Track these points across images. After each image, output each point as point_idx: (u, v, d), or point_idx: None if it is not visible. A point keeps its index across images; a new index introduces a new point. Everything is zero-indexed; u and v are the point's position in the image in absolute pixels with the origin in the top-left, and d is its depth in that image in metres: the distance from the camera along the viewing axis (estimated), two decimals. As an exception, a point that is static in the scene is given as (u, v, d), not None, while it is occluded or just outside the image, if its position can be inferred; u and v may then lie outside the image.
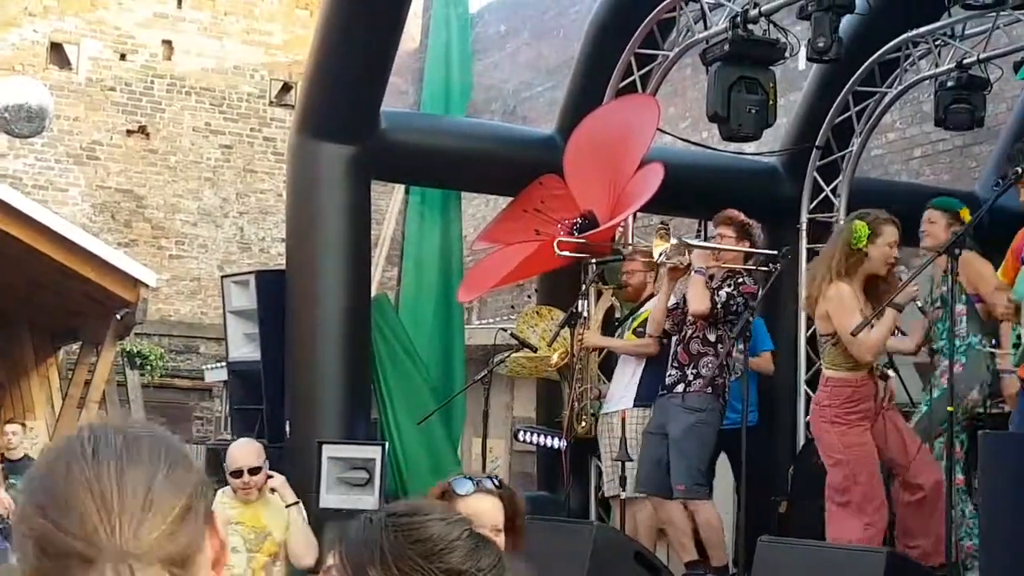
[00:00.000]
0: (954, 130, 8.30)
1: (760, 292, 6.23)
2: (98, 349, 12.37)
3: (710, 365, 6.25)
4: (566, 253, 7.18)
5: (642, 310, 7.05)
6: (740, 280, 6.38)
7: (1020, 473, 4.53)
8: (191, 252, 16.25)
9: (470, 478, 2.97)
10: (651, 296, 7.01)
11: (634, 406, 6.66)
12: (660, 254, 6.42)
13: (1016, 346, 5.12)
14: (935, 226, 5.90)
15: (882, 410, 5.38)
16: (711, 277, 6.42)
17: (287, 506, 5.56)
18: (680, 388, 6.31)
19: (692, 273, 6.38)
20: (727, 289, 6.34)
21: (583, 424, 6.94)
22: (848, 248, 5.33)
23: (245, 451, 5.68)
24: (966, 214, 5.97)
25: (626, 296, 7.41)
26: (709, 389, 6.26)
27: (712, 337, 6.34)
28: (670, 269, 6.51)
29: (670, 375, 6.41)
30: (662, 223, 6.81)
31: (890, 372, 5.69)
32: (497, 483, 3.02)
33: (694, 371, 6.29)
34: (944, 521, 4.82)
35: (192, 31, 16.24)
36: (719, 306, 6.29)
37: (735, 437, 6.30)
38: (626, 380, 6.85)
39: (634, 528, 6.49)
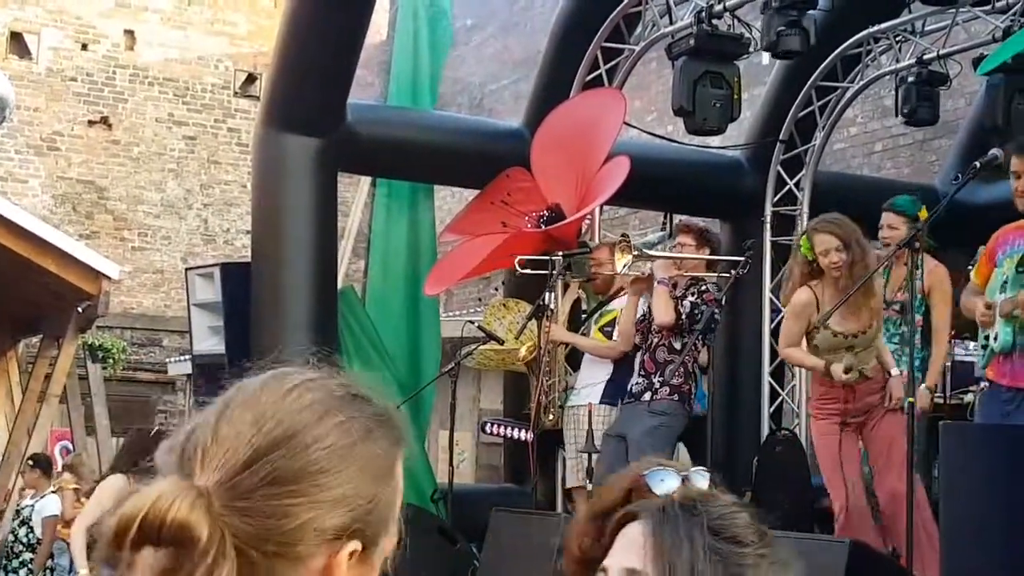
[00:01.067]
0: (915, 125, 8.40)
1: (723, 298, 6.29)
2: (59, 342, 12.28)
3: (677, 373, 6.33)
4: (527, 271, 7.21)
5: (610, 306, 7.09)
6: (703, 288, 6.44)
7: (981, 463, 4.61)
8: (154, 244, 16.16)
9: (672, 471, 2.63)
10: (620, 289, 7.05)
11: (600, 402, 6.70)
12: (623, 266, 6.47)
13: (984, 347, 5.19)
14: (898, 232, 6.01)
15: (884, 411, 5.57)
16: (674, 286, 6.48)
17: None
18: (647, 396, 6.36)
19: (655, 284, 6.43)
20: (691, 298, 6.40)
21: (551, 417, 6.98)
22: (803, 258, 5.62)
23: None
24: (924, 214, 6.08)
25: (595, 288, 7.44)
26: (675, 396, 6.35)
27: (678, 346, 6.39)
28: (633, 280, 6.56)
29: (636, 383, 6.47)
30: (623, 235, 6.84)
31: (893, 371, 5.75)
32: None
33: (660, 379, 6.34)
34: (906, 527, 4.87)
35: (155, 21, 16.13)
36: (684, 316, 6.35)
37: (694, 428, 6.39)
38: (594, 377, 6.88)
39: None
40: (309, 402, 1.13)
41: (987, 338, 5.14)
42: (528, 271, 7.21)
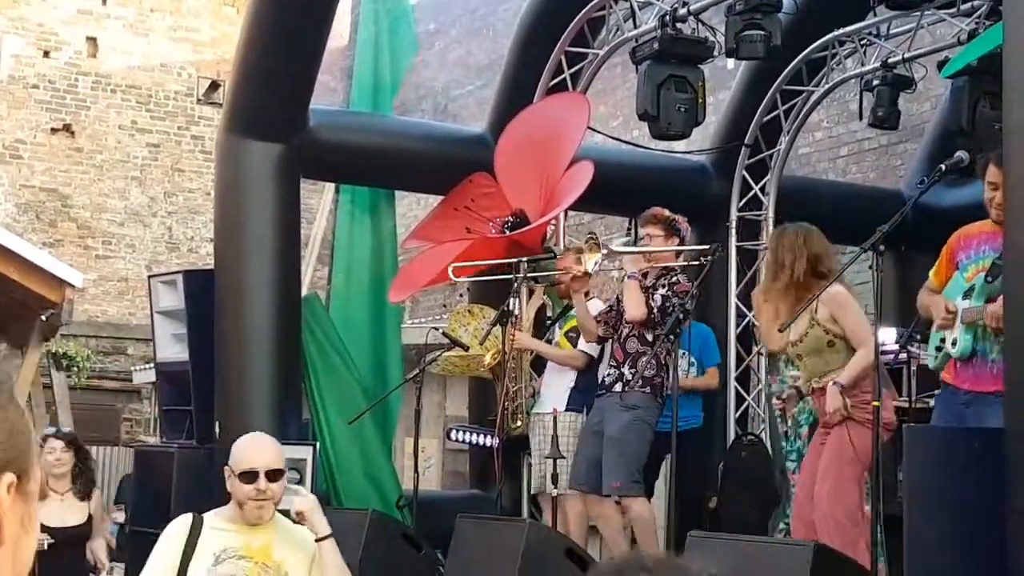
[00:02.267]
0: (879, 128, 8.42)
1: (693, 287, 6.25)
2: (23, 351, 12.14)
3: (649, 364, 6.27)
4: (463, 279, 7.17)
5: (574, 311, 7.06)
6: (674, 280, 6.39)
7: (944, 465, 4.60)
8: (118, 252, 16.01)
9: None
10: (586, 294, 7.03)
11: (566, 409, 6.66)
12: (594, 264, 6.43)
13: (939, 349, 5.17)
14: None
15: (835, 425, 5.26)
16: (644, 275, 6.44)
17: (318, 540, 3.87)
18: (618, 387, 6.31)
19: (626, 278, 6.39)
20: (662, 291, 6.35)
21: (518, 423, 6.93)
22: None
23: (262, 447, 3.96)
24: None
25: (559, 293, 7.41)
26: (647, 388, 6.28)
27: (650, 337, 6.35)
28: (571, 279, 6.52)
29: (608, 374, 6.42)
30: (591, 234, 6.81)
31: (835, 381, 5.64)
32: None
33: (632, 370, 6.29)
34: (872, 534, 4.84)
35: (117, 28, 16.00)
36: (655, 310, 6.31)
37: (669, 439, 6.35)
38: (559, 383, 6.85)
39: (566, 525, 6.50)
40: None
41: (942, 340, 5.12)
42: (464, 279, 7.15)
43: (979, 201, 5.22)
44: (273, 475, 3.82)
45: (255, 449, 3.92)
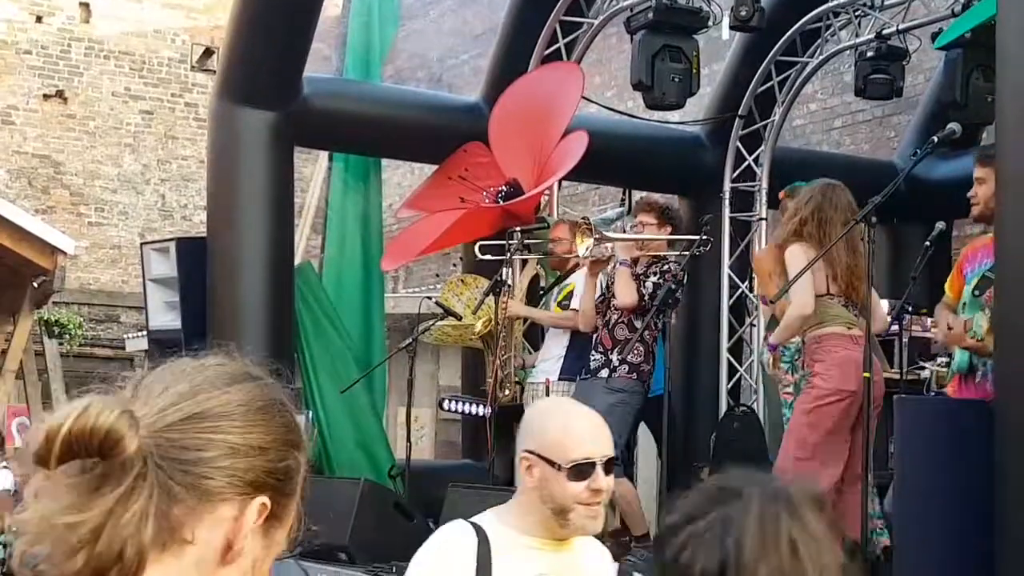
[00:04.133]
0: (873, 100, 8.41)
1: (684, 275, 6.28)
2: (15, 318, 12.14)
3: (636, 351, 6.31)
4: (487, 256, 7.19)
5: (567, 281, 7.07)
6: (665, 267, 6.42)
7: (935, 437, 4.63)
8: (111, 219, 15.97)
9: None
10: (577, 265, 7.03)
11: (559, 378, 6.68)
12: (585, 249, 6.43)
13: (948, 364, 5.28)
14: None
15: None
16: (635, 262, 6.46)
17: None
18: (604, 373, 6.34)
19: (617, 264, 6.40)
20: (653, 279, 6.38)
21: (507, 392, 6.95)
22: None
23: (598, 428, 2.76)
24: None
25: (552, 264, 7.41)
26: (633, 375, 6.33)
27: (638, 324, 6.37)
28: (591, 263, 6.53)
29: (594, 359, 6.44)
30: (583, 218, 6.80)
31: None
32: None
33: (619, 357, 6.31)
34: (861, 515, 4.89)
35: (111, -7, 15.90)
36: (646, 297, 6.33)
37: (653, 406, 6.38)
38: (553, 352, 6.87)
39: None
40: (218, 372, 1.25)
41: (950, 355, 5.23)
42: (489, 256, 7.18)
43: (970, 173, 5.24)
44: (608, 466, 2.67)
45: (591, 431, 2.70)
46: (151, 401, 1.18)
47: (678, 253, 6.48)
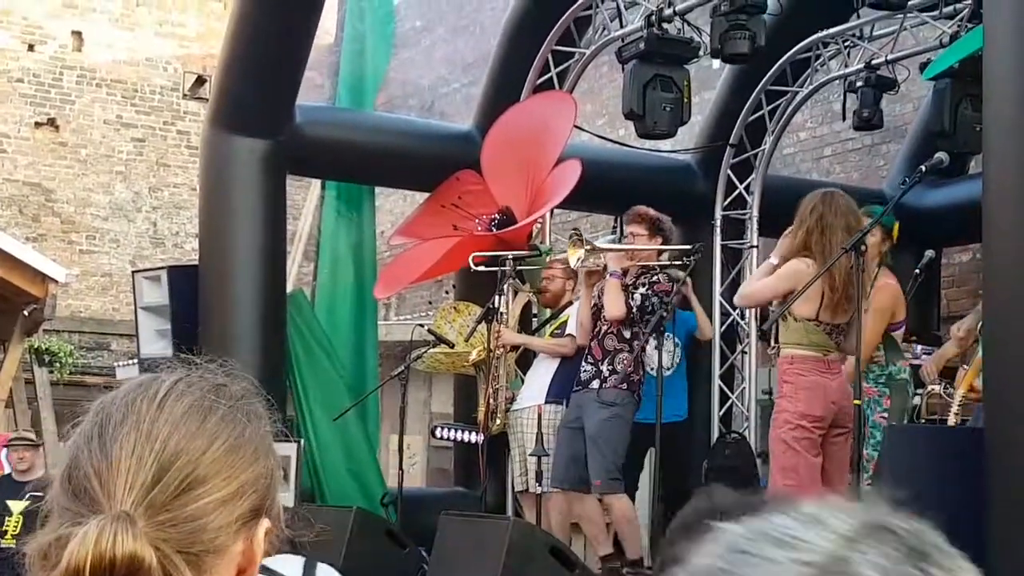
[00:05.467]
0: (862, 129, 8.47)
1: (675, 289, 6.30)
2: (5, 346, 12.12)
3: (625, 361, 6.31)
4: (481, 269, 7.21)
5: (562, 315, 7.11)
6: (654, 279, 6.43)
7: (925, 464, 4.65)
8: (102, 247, 15.97)
9: None
10: (569, 303, 7.08)
11: (546, 402, 6.69)
12: (576, 260, 6.47)
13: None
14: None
15: None
16: (625, 273, 6.48)
17: None
18: (595, 384, 6.35)
19: (607, 276, 6.43)
20: (641, 290, 6.40)
21: (497, 422, 6.96)
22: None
23: None
24: (895, 229, 6.18)
25: (544, 302, 7.49)
26: (624, 385, 6.32)
27: (627, 334, 6.39)
28: (587, 273, 6.56)
29: (584, 370, 6.45)
30: (574, 230, 6.83)
31: None
32: None
33: (609, 367, 6.33)
34: None
35: (103, 22, 15.95)
36: (635, 309, 6.35)
37: (652, 432, 6.39)
38: (540, 377, 6.88)
39: (548, 523, 6.54)
40: (187, 407, 1.18)
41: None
42: (483, 268, 7.20)
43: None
44: None
45: None
46: (129, 481, 1.12)
47: (669, 262, 6.51)
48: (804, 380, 5.31)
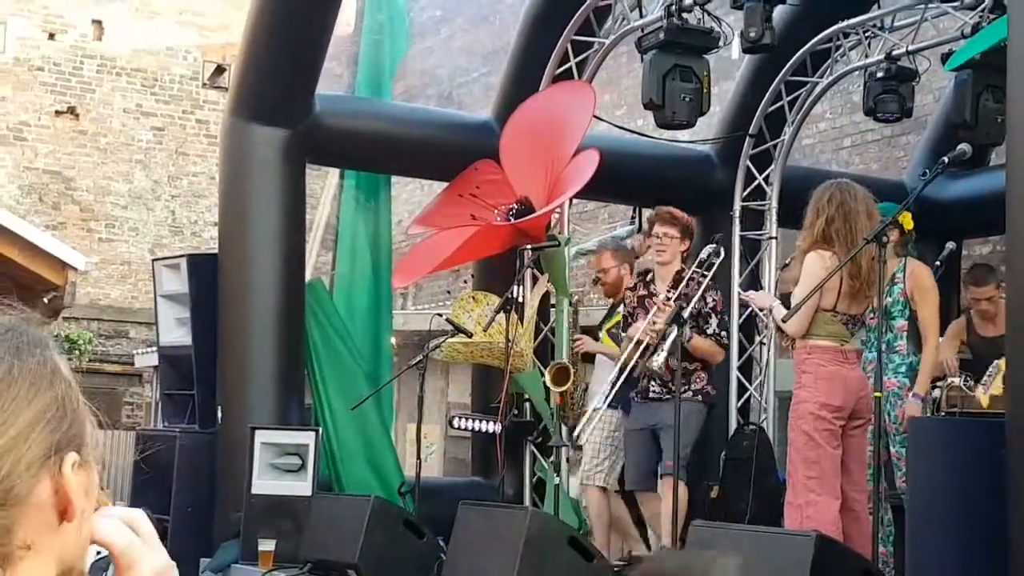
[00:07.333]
0: (883, 120, 8.43)
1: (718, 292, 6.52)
2: (25, 333, 12.16)
3: (700, 379, 6.43)
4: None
5: (619, 309, 7.20)
6: (711, 303, 6.55)
7: (947, 456, 4.63)
8: (121, 235, 16.04)
9: None
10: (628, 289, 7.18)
11: (608, 406, 6.74)
12: (658, 365, 6.27)
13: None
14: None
15: None
16: (645, 273, 6.64)
17: None
18: (668, 397, 6.35)
19: (689, 334, 6.39)
20: (715, 319, 6.55)
21: (570, 420, 7.16)
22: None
23: None
24: (906, 220, 6.13)
25: (605, 293, 7.68)
26: (699, 397, 6.52)
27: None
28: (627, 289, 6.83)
29: (654, 391, 6.49)
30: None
31: None
32: None
33: (685, 386, 6.34)
34: (873, 527, 4.93)
35: (123, 11, 16.00)
36: (723, 336, 6.61)
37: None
38: (602, 380, 6.99)
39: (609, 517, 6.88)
40: None
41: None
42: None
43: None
44: None
45: None
46: None
47: (696, 270, 6.54)
48: (824, 370, 5.30)
